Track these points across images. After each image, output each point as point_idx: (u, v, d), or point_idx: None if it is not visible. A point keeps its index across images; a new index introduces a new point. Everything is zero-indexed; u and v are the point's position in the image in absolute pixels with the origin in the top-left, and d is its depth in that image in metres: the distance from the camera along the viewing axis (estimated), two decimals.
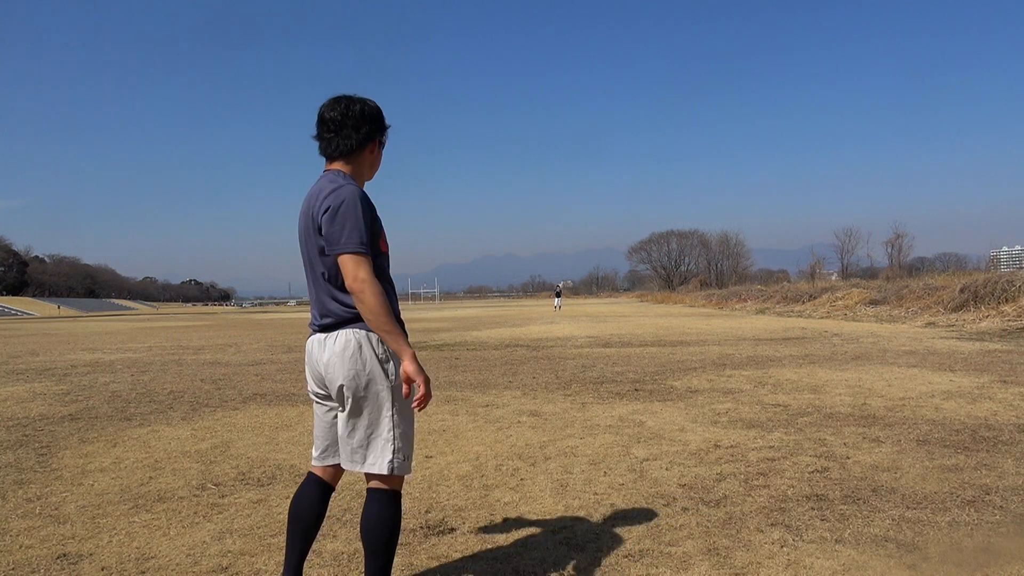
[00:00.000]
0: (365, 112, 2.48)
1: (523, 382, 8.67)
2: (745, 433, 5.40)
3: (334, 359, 2.41)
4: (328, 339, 2.44)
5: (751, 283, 64.18)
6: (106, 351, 15.85)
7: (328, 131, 2.48)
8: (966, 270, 34.39)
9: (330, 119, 2.46)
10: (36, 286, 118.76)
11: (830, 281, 47.38)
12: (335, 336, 2.43)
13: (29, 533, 3.45)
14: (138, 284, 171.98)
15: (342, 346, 2.41)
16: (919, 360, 10.23)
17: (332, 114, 2.46)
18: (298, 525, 2.58)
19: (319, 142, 2.52)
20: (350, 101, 2.48)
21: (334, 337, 2.43)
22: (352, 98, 2.49)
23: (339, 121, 2.46)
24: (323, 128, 2.49)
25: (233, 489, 4.15)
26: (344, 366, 2.39)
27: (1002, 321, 16.94)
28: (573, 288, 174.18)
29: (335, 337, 2.43)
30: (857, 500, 3.70)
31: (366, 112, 2.49)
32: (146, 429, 6.08)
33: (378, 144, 2.57)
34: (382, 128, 2.56)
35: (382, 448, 2.42)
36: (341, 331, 2.43)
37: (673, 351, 12.63)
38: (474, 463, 4.66)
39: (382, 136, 2.57)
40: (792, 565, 2.89)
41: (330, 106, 2.48)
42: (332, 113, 2.46)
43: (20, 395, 8.43)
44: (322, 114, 2.49)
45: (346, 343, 2.41)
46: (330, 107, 2.47)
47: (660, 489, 3.97)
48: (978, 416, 5.87)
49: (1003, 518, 3.41)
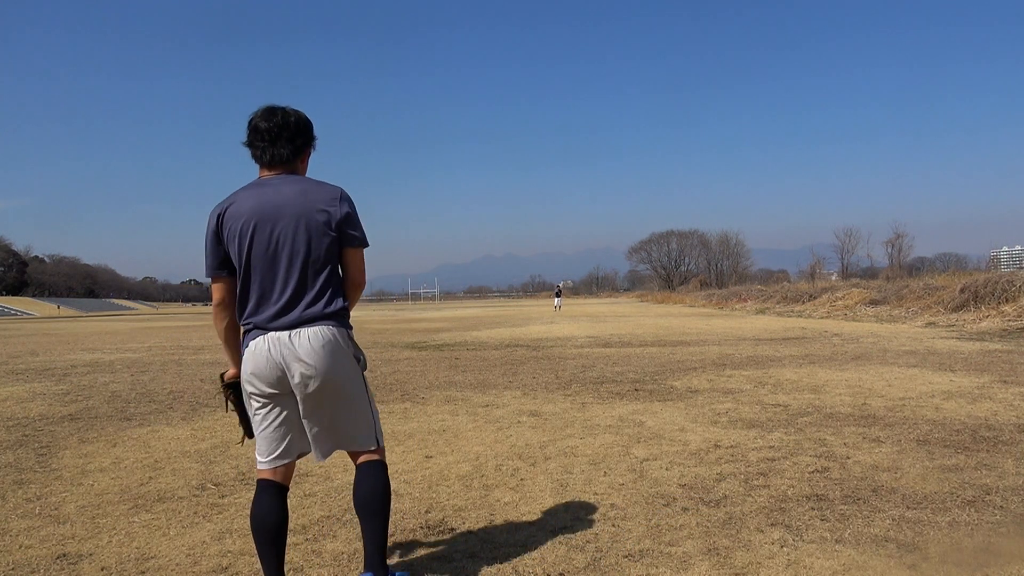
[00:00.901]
0: (301, 123, 2.63)
1: (523, 382, 8.67)
2: (745, 433, 5.40)
3: (315, 355, 2.48)
4: (300, 335, 2.49)
5: (751, 283, 64.18)
6: (106, 351, 15.85)
7: (263, 140, 2.58)
8: (966, 270, 34.39)
9: (265, 129, 2.57)
10: (36, 286, 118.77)
11: (830, 281, 47.38)
12: (310, 333, 2.50)
13: (29, 533, 3.45)
14: (138, 284, 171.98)
15: (323, 342, 2.50)
16: (919, 360, 10.23)
17: (267, 124, 2.57)
18: (267, 537, 2.54)
19: (253, 149, 2.61)
20: (284, 112, 2.61)
21: (308, 334, 2.50)
22: (287, 109, 2.63)
23: (276, 132, 2.57)
24: (257, 137, 2.59)
25: (233, 489, 4.15)
26: (332, 361, 2.50)
27: (1002, 321, 16.94)
28: (573, 288, 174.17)
29: (310, 334, 2.50)
30: (857, 500, 3.70)
31: (301, 123, 2.63)
32: (146, 429, 6.08)
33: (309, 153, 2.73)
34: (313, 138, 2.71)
35: (369, 426, 2.65)
36: (315, 327, 2.51)
37: (673, 351, 12.63)
38: (474, 463, 4.66)
39: (313, 145, 2.73)
40: (792, 565, 2.89)
41: (265, 117, 2.59)
42: (267, 124, 2.57)
43: (20, 395, 8.43)
44: (256, 124, 2.59)
45: (326, 339, 2.51)
46: (265, 118, 2.58)
47: (660, 489, 3.97)
48: (978, 416, 5.87)
49: (1003, 518, 3.41)
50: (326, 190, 2.56)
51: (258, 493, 2.60)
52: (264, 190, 2.54)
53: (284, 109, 2.62)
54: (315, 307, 2.52)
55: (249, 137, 2.60)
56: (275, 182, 2.56)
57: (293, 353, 2.47)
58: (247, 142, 2.61)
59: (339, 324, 2.56)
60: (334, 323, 2.55)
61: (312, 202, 2.52)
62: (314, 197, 2.53)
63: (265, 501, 2.57)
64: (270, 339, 2.50)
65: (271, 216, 2.50)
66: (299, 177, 2.61)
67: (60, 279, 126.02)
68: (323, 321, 2.53)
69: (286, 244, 2.51)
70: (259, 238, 2.50)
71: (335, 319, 2.55)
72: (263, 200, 2.52)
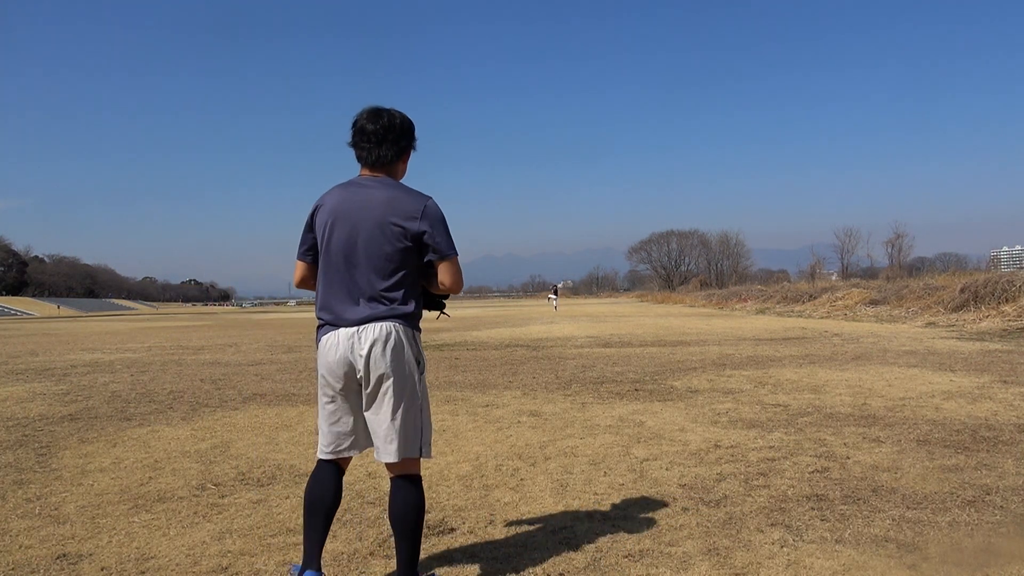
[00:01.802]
0: (405, 125, 2.71)
1: (523, 382, 8.67)
2: (745, 433, 5.40)
3: (377, 349, 2.55)
4: (366, 331, 2.57)
5: (751, 283, 64.16)
6: (106, 351, 15.85)
7: (368, 142, 2.66)
8: (966, 270, 34.38)
9: (372, 131, 2.65)
10: (36, 286, 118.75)
11: (830, 281, 47.36)
12: (374, 328, 2.57)
13: (29, 533, 3.44)
14: (138, 284, 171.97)
15: (384, 337, 2.57)
16: (919, 360, 10.23)
17: (374, 127, 2.65)
18: (321, 510, 2.66)
19: (358, 150, 2.70)
20: (390, 115, 2.69)
21: (373, 329, 2.57)
22: (392, 112, 2.70)
23: (381, 134, 2.65)
24: (363, 139, 2.67)
25: (233, 489, 4.15)
26: (388, 356, 2.56)
27: (1002, 321, 16.94)
28: (573, 288, 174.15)
29: (375, 329, 2.57)
30: (857, 500, 3.70)
31: (405, 125, 2.71)
32: (146, 429, 6.08)
33: (410, 154, 2.79)
34: (414, 139, 2.78)
35: (417, 430, 2.63)
36: (380, 323, 2.58)
37: (673, 351, 12.63)
38: (474, 463, 4.66)
39: (414, 146, 2.79)
40: (792, 565, 2.89)
41: (371, 119, 2.67)
42: (374, 126, 2.65)
43: (20, 395, 8.43)
44: (363, 126, 2.67)
45: (388, 335, 2.57)
46: (371, 120, 2.66)
47: (660, 489, 3.97)
48: (978, 416, 5.87)
49: (1003, 518, 3.41)
50: (410, 201, 2.61)
51: (316, 471, 2.72)
52: (356, 190, 2.65)
53: (390, 111, 2.70)
54: (383, 306, 2.60)
55: (355, 138, 2.69)
56: (369, 184, 2.66)
57: (359, 347, 2.56)
58: (352, 142, 2.70)
59: (405, 324, 2.62)
60: (400, 322, 2.61)
61: (396, 210, 2.58)
62: (399, 205, 2.59)
63: (322, 479, 2.69)
64: (340, 334, 2.59)
65: (353, 217, 2.60)
66: (393, 183, 2.68)
67: (60, 279, 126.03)
68: (389, 320, 2.59)
69: (361, 245, 2.59)
70: (337, 236, 2.62)
71: (402, 319, 2.61)
72: (351, 200, 2.63)
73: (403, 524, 2.61)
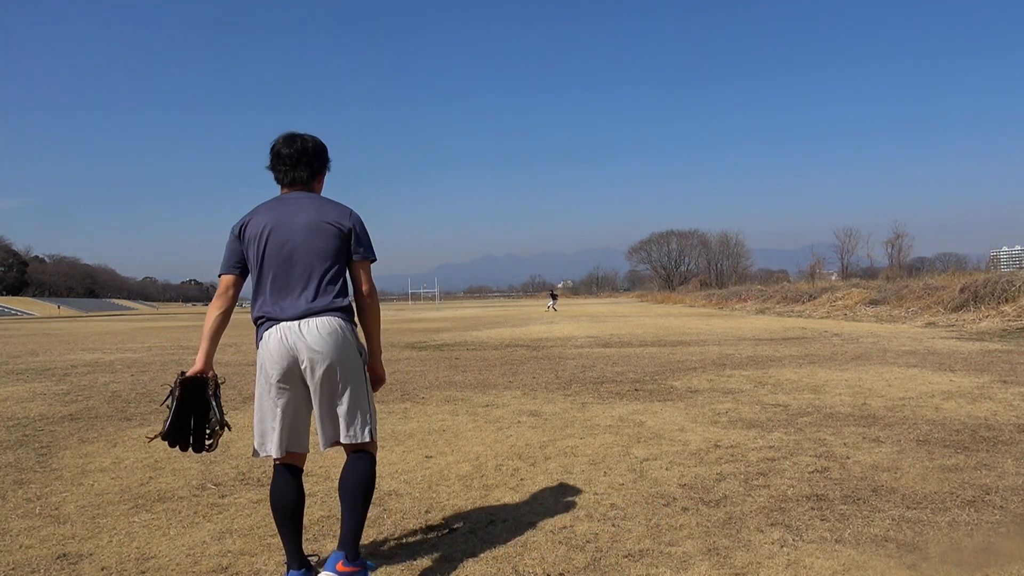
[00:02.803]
0: (317, 149, 2.92)
1: (523, 382, 8.67)
2: (745, 433, 5.40)
3: (322, 340, 2.69)
4: (309, 324, 2.71)
5: (751, 283, 64.14)
6: (106, 351, 15.85)
7: (284, 164, 2.88)
8: (966, 270, 34.38)
9: (287, 155, 2.87)
10: (36, 286, 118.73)
11: (830, 281, 47.36)
12: (317, 321, 2.71)
13: (29, 533, 3.45)
14: (138, 284, 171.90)
15: (329, 330, 2.72)
16: (919, 360, 10.23)
17: (288, 151, 2.87)
18: (287, 514, 2.78)
19: (276, 172, 2.90)
20: (303, 139, 2.90)
21: (316, 322, 2.71)
22: (305, 136, 2.91)
23: (296, 157, 2.86)
24: (279, 162, 2.88)
25: (233, 489, 4.15)
26: (335, 346, 2.70)
27: (1002, 321, 16.95)
28: (573, 288, 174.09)
29: (318, 322, 2.71)
30: (857, 500, 3.70)
31: (318, 149, 2.93)
32: (146, 429, 6.08)
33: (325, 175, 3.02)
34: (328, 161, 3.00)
35: (364, 419, 2.80)
36: (322, 317, 2.72)
37: (673, 351, 12.63)
38: (474, 463, 4.66)
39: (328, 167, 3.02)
40: (792, 565, 2.89)
41: (286, 144, 2.88)
42: (288, 150, 2.87)
43: (20, 395, 8.44)
44: (278, 150, 2.88)
45: (332, 328, 2.72)
46: (286, 144, 2.88)
47: (660, 489, 3.97)
48: (978, 416, 5.87)
49: (1003, 518, 3.41)
50: (337, 208, 2.84)
51: (275, 476, 2.83)
52: (282, 203, 2.85)
53: (303, 136, 2.91)
54: (322, 300, 2.74)
55: (272, 162, 2.90)
56: (293, 196, 2.87)
57: (302, 340, 2.69)
58: (270, 166, 2.91)
59: (344, 318, 2.77)
60: (340, 315, 2.76)
61: (324, 215, 2.80)
62: (326, 211, 2.81)
63: (284, 485, 2.79)
64: (282, 328, 2.72)
65: (287, 223, 2.78)
66: (315, 195, 2.90)
67: (60, 279, 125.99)
68: (329, 312, 2.74)
69: (298, 247, 2.76)
70: (274, 240, 2.77)
71: (341, 312, 2.77)
72: (281, 210, 2.82)
73: (354, 491, 2.76)
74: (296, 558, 2.77)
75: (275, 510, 2.80)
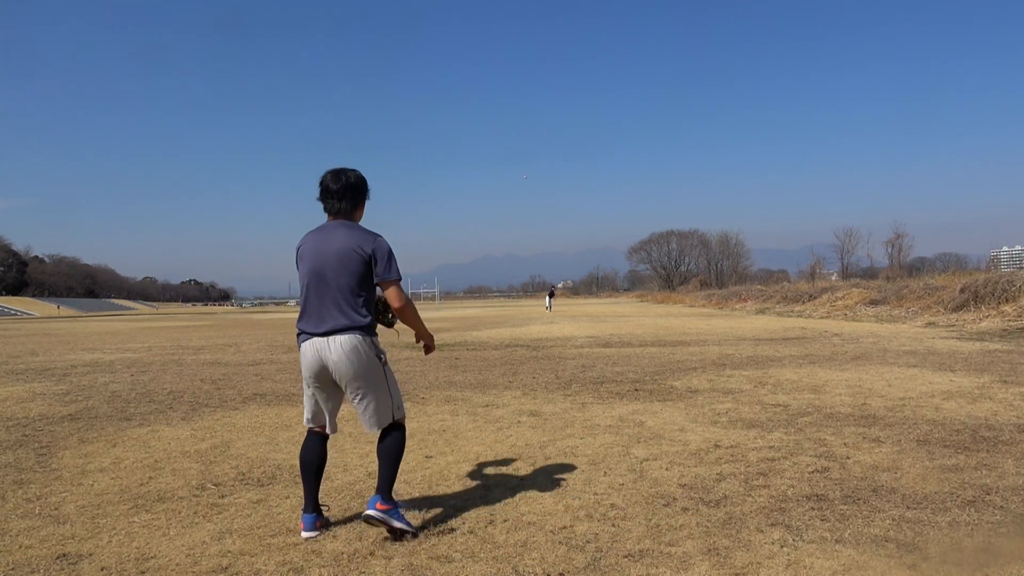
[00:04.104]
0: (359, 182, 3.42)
1: (523, 382, 8.67)
2: (745, 433, 5.40)
3: (343, 359, 3.23)
4: (332, 341, 3.24)
5: (751, 283, 64.11)
6: (106, 351, 15.85)
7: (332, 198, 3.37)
8: (966, 270, 34.36)
9: (334, 190, 3.36)
10: (36, 286, 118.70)
11: (830, 281, 47.34)
12: (340, 340, 3.24)
13: (29, 533, 3.45)
14: (138, 284, 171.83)
15: (350, 347, 3.24)
16: (919, 360, 10.23)
17: (336, 186, 3.36)
18: (311, 468, 3.42)
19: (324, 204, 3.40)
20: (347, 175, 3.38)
21: (339, 341, 3.24)
22: (348, 172, 3.41)
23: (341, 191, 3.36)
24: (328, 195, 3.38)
25: (233, 489, 4.15)
26: (354, 364, 3.25)
27: (1002, 321, 16.94)
28: (573, 288, 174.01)
29: (340, 341, 3.24)
30: (857, 500, 3.70)
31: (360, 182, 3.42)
32: (146, 429, 6.09)
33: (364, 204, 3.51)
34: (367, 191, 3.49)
35: (386, 409, 3.38)
36: (344, 335, 3.24)
37: (673, 351, 12.63)
38: (474, 463, 4.66)
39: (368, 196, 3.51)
40: (792, 565, 2.89)
41: (333, 180, 3.37)
42: (335, 186, 3.36)
43: (20, 395, 8.43)
44: (327, 185, 3.37)
45: (352, 344, 3.25)
46: (333, 180, 3.37)
47: (660, 489, 3.97)
48: (978, 416, 5.87)
49: (1003, 518, 3.42)
50: (363, 236, 3.31)
51: (306, 439, 3.49)
52: (323, 232, 3.39)
53: (347, 172, 3.42)
54: (345, 320, 3.25)
55: (321, 195, 3.41)
56: (332, 226, 3.38)
57: (329, 353, 3.25)
58: (319, 198, 3.41)
59: (364, 333, 3.28)
60: (360, 332, 3.27)
61: (352, 243, 3.27)
62: (356, 238, 3.29)
63: (312, 445, 3.45)
64: (315, 342, 3.28)
65: (321, 251, 3.30)
66: (351, 224, 3.39)
67: (60, 279, 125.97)
68: (351, 331, 3.25)
69: (328, 272, 3.27)
70: (309, 267, 3.32)
71: (360, 330, 3.27)
72: (319, 239, 3.35)
73: (386, 452, 3.38)
74: (312, 503, 3.37)
75: (301, 464, 3.44)
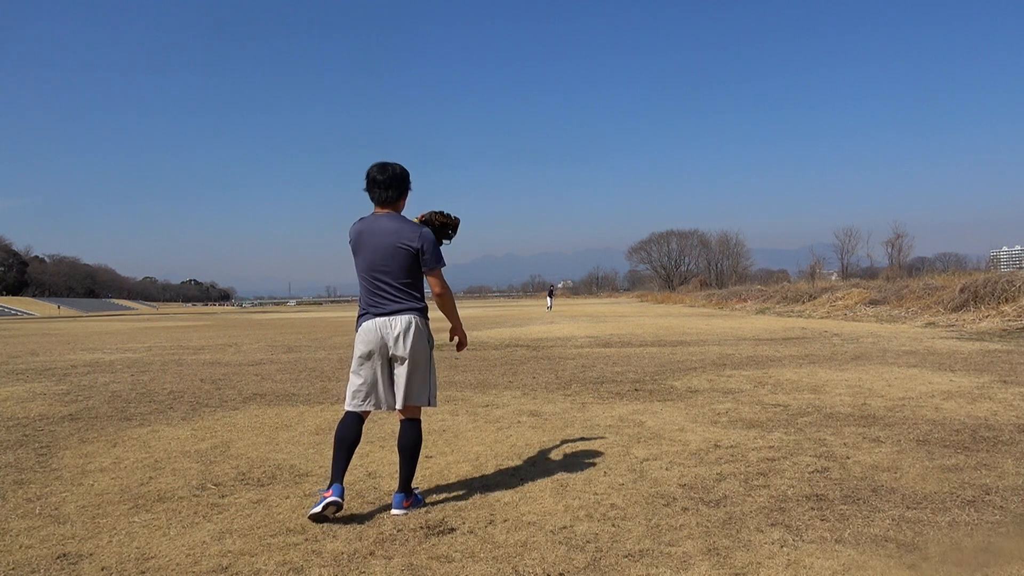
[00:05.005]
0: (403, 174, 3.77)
1: (523, 382, 8.67)
2: (745, 433, 5.40)
3: (402, 333, 3.66)
4: (395, 319, 3.67)
5: (751, 283, 64.09)
6: (106, 351, 15.85)
7: (378, 187, 3.72)
8: (966, 270, 34.35)
9: (380, 181, 3.71)
10: (36, 286, 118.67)
11: (830, 281, 47.32)
12: (401, 318, 3.67)
13: (29, 533, 3.45)
14: (138, 284, 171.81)
15: (406, 325, 3.67)
16: (919, 360, 10.23)
17: (382, 177, 3.71)
18: (344, 445, 3.66)
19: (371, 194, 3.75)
20: (392, 167, 3.73)
21: (400, 319, 3.67)
22: (394, 165, 3.75)
23: (388, 182, 3.71)
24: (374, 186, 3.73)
25: (233, 489, 4.15)
26: (411, 339, 3.67)
27: (1002, 321, 16.94)
28: (573, 288, 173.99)
29: (401, 319, 3.67)
30: (857, 500, 3.70)
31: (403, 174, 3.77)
32: (146, 429, 6.09)
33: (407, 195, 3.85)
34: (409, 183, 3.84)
35: (424, 389, 3.77)
36: (404, 315, 3.68)
37: (673, 351, 12.63)
38: (474, 463, 4.66)
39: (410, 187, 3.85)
40: (792, 565, 2.89)
41: (379, 171, 3.71)
42: (382, 176, 3.71)
43: (20, 395, 8.43)
44: (373, 176, 3.72)
45: (410, 323, 3.68)
46: (380, 172, 3.71)
47: (660, 489, 3.97)
48: (978, 416, 5.87)
49: (1003, 518, 3.42)
50: (411, 229, 3.68)
51: (344, 417, 3.73)
52: (373, 221, 3.74)
53: (392, 165, 3.75)
54: (403, 303, 3.69)
55: (368, 185, 3.75)
56: (381, 217, 3.73)
57: (389, 330, 3.66)
58: (366, 188, 3.75)
59: (420, 315, 3.74)
60: (416, 314, 3.72)
61: (401, 240, 3.65)
62: (404, 233, 3.66)
63: (348, 421, 3.71)
64: (378, 321, 3.68)
65: (375, 247, 3.67)
66: (397, 216, 3.76)
67: (60, 279, 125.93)
68: (409, 312, 3.69)
69: (383, 267, 3.67)
70: (368, 262, 3.70)
71: (416, 311, 3.72)
72: (371, 229, 3.71)
73: (406, 451, 3.71)
74: (339, 478, 3.57)
75: (336, 440, 3.67)
